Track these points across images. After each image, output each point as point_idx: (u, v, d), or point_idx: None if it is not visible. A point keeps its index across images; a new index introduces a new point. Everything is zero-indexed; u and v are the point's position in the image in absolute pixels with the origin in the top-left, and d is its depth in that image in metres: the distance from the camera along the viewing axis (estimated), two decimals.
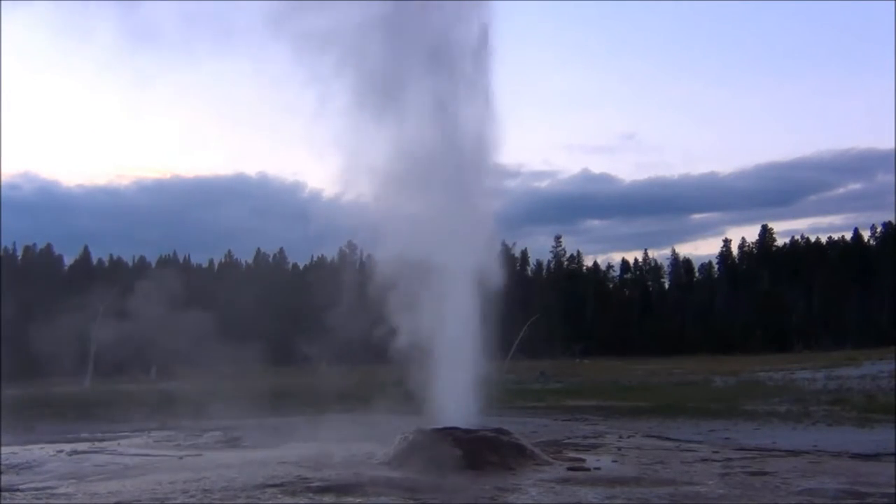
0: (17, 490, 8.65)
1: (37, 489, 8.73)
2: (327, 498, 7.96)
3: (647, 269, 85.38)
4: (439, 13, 12.14)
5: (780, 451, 11.21)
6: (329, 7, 12.05)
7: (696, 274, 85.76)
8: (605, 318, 73.57)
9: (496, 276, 11.89)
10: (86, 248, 73.39)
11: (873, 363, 32.88)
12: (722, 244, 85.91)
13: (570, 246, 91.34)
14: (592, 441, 12.80)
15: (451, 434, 10.11)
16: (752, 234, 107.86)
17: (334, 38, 12.05)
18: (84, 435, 14.68)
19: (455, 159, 12.00)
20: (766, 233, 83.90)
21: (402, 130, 12.01)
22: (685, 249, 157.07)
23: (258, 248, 75.64)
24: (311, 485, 8.50)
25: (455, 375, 11.21)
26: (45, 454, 11.74)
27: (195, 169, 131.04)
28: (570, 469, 9.66)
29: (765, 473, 9.09)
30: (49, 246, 72.60)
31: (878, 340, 51.17)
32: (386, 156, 12.06)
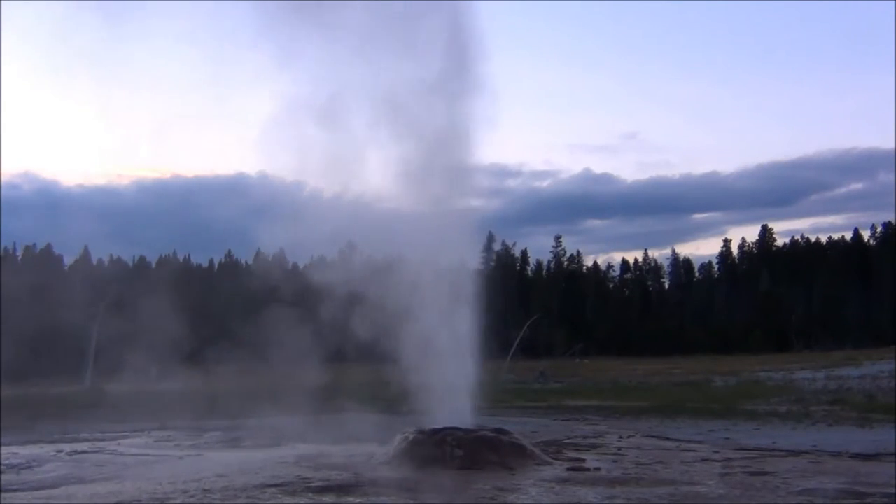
0: (17, 490, 8.65)
1: (37, 489, 8.73)
2: (327, 498, 7.96)
3: (647, 269, 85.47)
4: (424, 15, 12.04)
5: (780, 451, 11.19)
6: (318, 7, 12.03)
7: (696, 274, 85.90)
8: (605, 318, 73.56)
9: (490, 275, 11.91)
10: (86, 249, 73.34)
11: (873, 363, 32.92)
12: (722, 244, 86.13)
13: (570, 246, 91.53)
14: (592, 441, 12.78)
15: (451, 434, 10.10)
16: (752, 234, 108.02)
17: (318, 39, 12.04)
18: (84, 435, 14.65)
19: (443, 159, 11.98)
20: (766, 233, 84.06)
21: (388, 130, 12.02)
22: (685, 249, 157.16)
23: (258, 249, 75.63)
24: (311, 485, 8.51)
25: (455, 375, 11.21)
26: (45, 454, 11.73)
27: (195, 169, 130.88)
28: (570, 469, 9.65)
29: (765, 473, 9.08)
30: (49, 246, 72.53)
31: (878, 340, 51.23)
32: (374, 155, 12.11)
